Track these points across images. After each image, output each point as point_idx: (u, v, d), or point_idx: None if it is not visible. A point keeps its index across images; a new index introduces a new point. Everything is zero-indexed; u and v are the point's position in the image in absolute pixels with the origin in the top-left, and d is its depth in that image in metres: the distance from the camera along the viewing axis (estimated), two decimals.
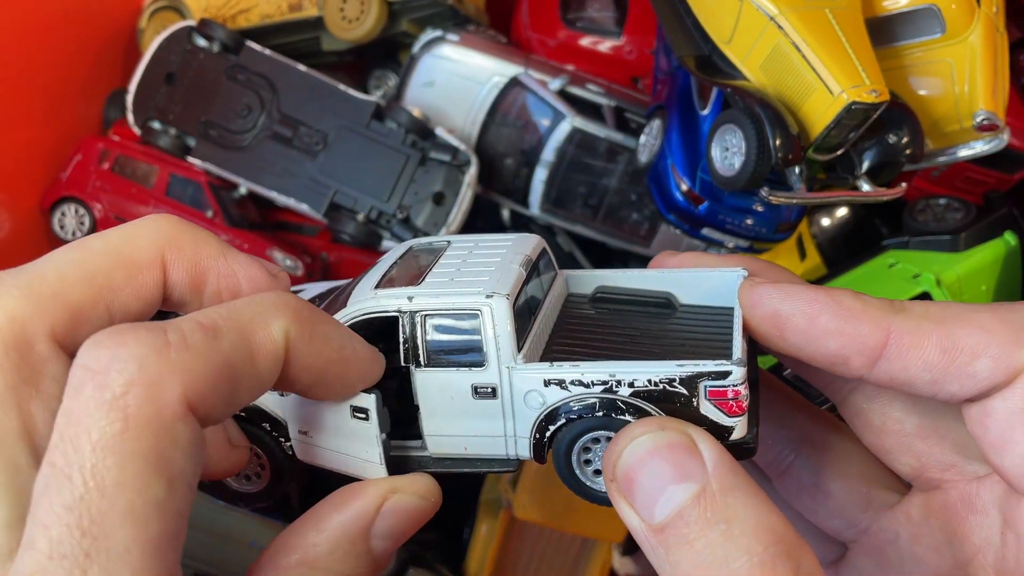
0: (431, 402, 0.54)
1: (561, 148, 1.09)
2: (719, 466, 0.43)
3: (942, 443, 0.52)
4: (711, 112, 0.92)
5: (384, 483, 0.49)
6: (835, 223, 1.14)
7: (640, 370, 0.50)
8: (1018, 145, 1.02)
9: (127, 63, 1.22)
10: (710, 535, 0.40)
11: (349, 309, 0.54)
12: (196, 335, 0.38)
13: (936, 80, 0.88)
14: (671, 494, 0.42)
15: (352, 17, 1.13)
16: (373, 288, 0.55)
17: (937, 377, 0.47)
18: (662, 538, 0.42)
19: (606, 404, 0.50)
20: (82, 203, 1.11)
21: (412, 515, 0.49)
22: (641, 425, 0.46)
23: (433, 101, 1.14)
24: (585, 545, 1.12)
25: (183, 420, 0.36)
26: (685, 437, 0.45)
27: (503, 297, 0.52)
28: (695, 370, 0.49)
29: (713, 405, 0.49)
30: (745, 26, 0.84)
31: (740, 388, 0.49)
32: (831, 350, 0.48)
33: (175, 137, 1.11)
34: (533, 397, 0.52)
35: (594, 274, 0.64)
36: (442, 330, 0.53)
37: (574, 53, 1.22)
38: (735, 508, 0.41)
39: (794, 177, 0.83)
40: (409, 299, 0.53)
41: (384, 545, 0.47)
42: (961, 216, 1.00)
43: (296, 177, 1.09)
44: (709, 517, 0.41)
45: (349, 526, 0.46)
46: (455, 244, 0.62)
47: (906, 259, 0.98)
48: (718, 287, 0.60)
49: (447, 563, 1.16)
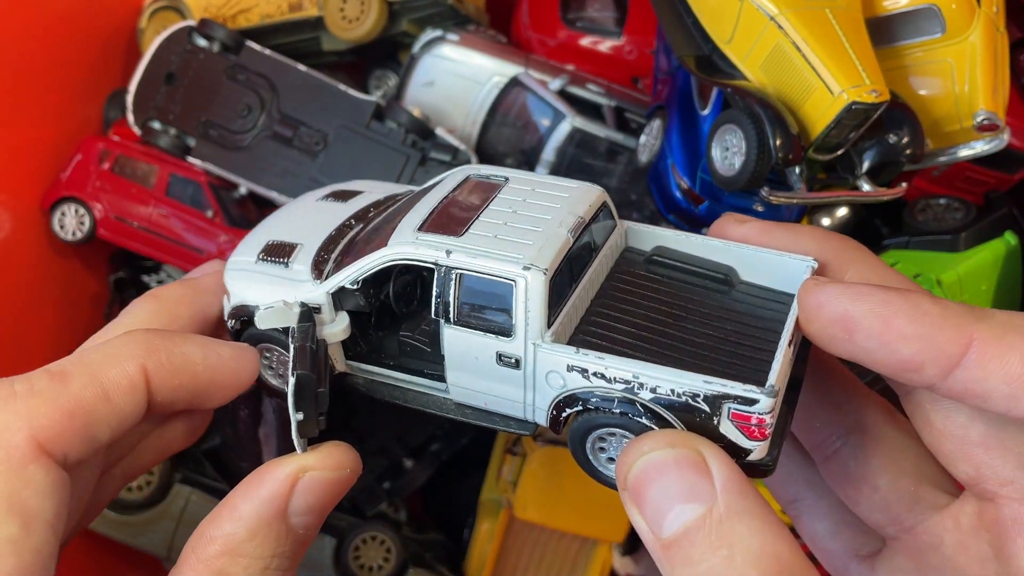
0: (456, 357, 0.54)
1: (561, 148, 1.09)
2: (728, 489, 0.42)
3: (1005, 456, 0.49)
4: (711, 112, 0.92)
5: (293, 462, 0.49)
6: (835, 223, 1.14)
7: (664, 377, 0.48)
8: (1018, 145, 1.01)
9: (127, 63, 1.22)
10: (713, 559, 0.40)
11: (387, 252, 0.54)
12: (42, 382, 0.41)
13: (936, 80, 0.88)
14: (679, 512, 0.42)
15: (352, 17, 1.13)
16: (417, 228, 0.55)
17: (1017, 392, 0.44)
18: (668, 554, 0.42)
19: (625, 403, 0.49)
20: (82, 203, 1.11)
21: (328, 489, 0.49)
22: (652, 439, 0.46)
23: (433, 101, 1.14)
24: (585, 545, 1.12)
25: (35, 463, 0.38)
26: (696, 455, 0.44)
27: (540, 272, 0.51)
28: (721, 391, 0.47)
29: (735, 427, 0.48)
30: (745, 26, 0.83)
31: (765, 417, 0.47)
32: (905, 356, 0.46)
33: (175, 137, 1.11)
34: (554, 378, 0.51)
35: (655, 232, 0.62)
36: (474, 292, 0.52)
37: (574, 53, 1.22)
38: (740, 534, 0.40)
39: (794, 177, 0.83)
40: (447, 253, 0.52)
41: (305, 521, 0.48)
42: (961, 216, 1.00)
43: (296, 177, 1.09)
44: (713, 541, 0.41)
45: (264, 510, 0.47)
46: (512, 183, 0.61)
47: (906, 259, 0.98)
48: (782, 271, 0.57)
49: (447, 563, 1.16)
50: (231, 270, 0.62)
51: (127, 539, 1.07)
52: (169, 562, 1.10)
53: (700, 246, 0.60)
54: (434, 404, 0.57)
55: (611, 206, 0.61)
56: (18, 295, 1.09)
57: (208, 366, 0.49)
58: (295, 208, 0.72)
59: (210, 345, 0.51)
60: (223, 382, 0.51)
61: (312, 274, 0.58)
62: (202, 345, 0.50)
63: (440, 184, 0.62)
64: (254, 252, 0.63)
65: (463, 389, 0.55)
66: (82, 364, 0.44)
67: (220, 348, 0.51)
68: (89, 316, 1.20)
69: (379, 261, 0.55)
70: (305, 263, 0.60)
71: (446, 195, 0.59)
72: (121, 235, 1.11)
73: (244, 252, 0.64)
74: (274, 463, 0.49)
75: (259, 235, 0.66)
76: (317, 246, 0.61)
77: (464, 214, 0.56)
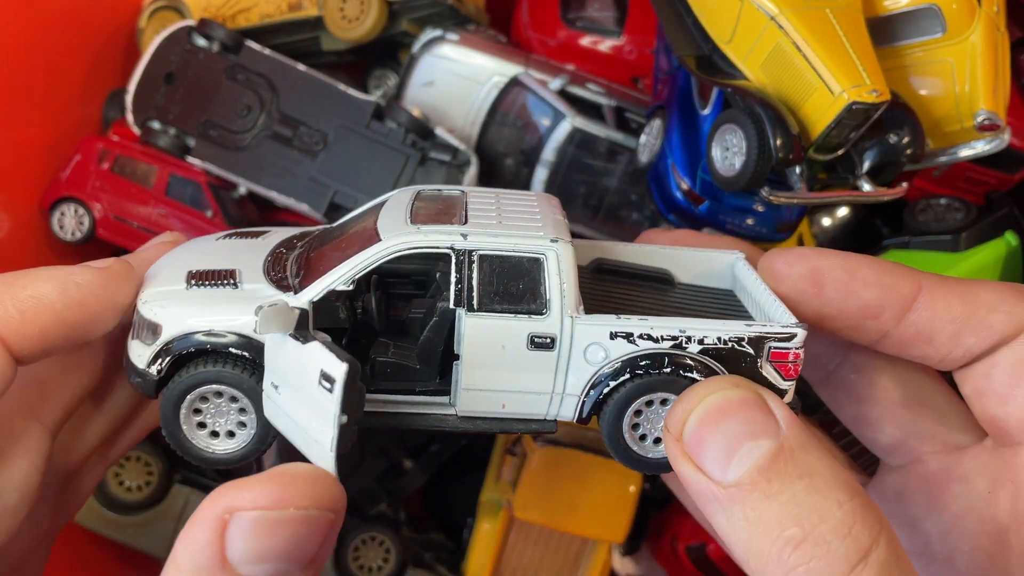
0: (478, 351, 0.51)
1: (561, 148, 1.09)
2: (792, 424, 0.44)
3: (924, 412, 0.54)
4: (711, 112, 0.92)
5: (216, 502, 0.40)
6: (836, 223, 1.14)
7: (710, 327, 0.49)
8: (1019, 145, 1.01)
9: (127, 63, 1.22)
10: (795, 487, 0.41)
11: (389, 243, 0.50)
12: None
13: (937, 80, 0.88)
14: (748, 451, 0.43)
15: (352, 17, 1.13)
16: (410, 223, 0.52)
17: (958, 329, 0.49)
18: (738, 494, 0.42)
19: (675, 360, 0.49)
20: (81, 203, 1.11)
21: (275, 532, 0.39)
22: (712, 383, 0.47)
23: (433, 101, 1.14)
24: (585, 545, 1.12)
25: None
26: (757, 396, 0.45)
27: (568, 243, 0.50)
28: (763, 331, 0.49)
29: (773, 367, 0.50)
30: (746, 26, 0.83)
31: (800, 351, 0.50)
32: (867, 301, 0.51)
33: (175, 137, 1.11)
34: (595, 351, 0.50)
35: (593, 244, 0.62)
36: (499, 274, 0.50)
37: (574, 53, 1.22)
38: (813, 462, 0.42)
39: (795, 177, 0.82)
40: (464, 236, 0.50)
41: (266, 570, 0.39)
42: (962, 216, 1.00)
43: (296, 177, 1.09)
44: (791, 471, 0.42)
45: (198, 561, 0.39)
46: (473, 194, 0.58)
47: (907, 259, 0.98)
48: (713, 268, 0.60)
49: (447, 563, 1.16)
50: (155, 300, 0.52)
51: (126, 539, 1.07)
52: None
53: (636, 252, 0.61)
54: (434, 422, 0.54)
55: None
56: None
57: (69, 300, 0.46)
58: (193, 246, 0.62)
59: (66, 276, 0.47)
60: (95, 309, 0.47)
61: (278, 289, 0.52)
62: (56, 278, 0.46)
63: (387, 203, 0.57)
64: (176, 281, 0.54)
65: (477, 393, 0.52)
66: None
67: (78, 276, 0.47)
68: None
69: (379, 254, 0.51)
70: (259, 282, 0.53)
71: (409, 204, 0.55)
72: (120, 235, 1.11)
73: (161, 284, 0.54)
74: (205, 500, 0.41)
75: (170, 269, 0.56)
76: (260, 268, 0.55)
77: (448, 213, 0.54)
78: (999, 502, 0.50)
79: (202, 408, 0.53)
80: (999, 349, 0.49)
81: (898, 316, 0.50)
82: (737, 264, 0.57)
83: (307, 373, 0.46)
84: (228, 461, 0.54)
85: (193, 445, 0.53)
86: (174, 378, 0.51)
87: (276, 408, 0.50)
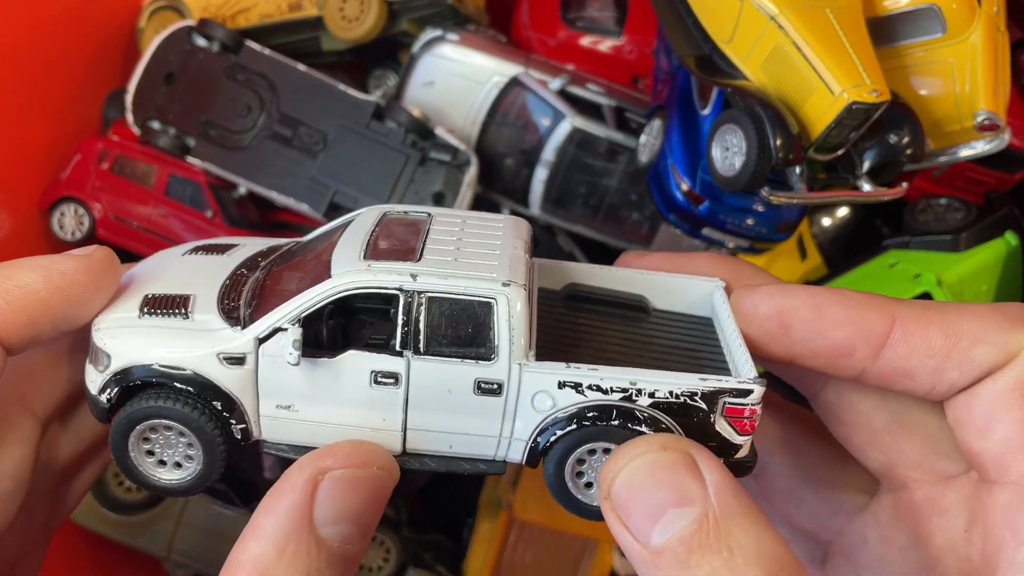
0: (423, 394, 0.50)
1: (561, 148, 1.09)
2: (722, 490, 0.42)
3: (910, 439, 0.52)
4: (712, 112, 0.92)
5: (307, 465, 0.44)
6: (836, 223, 1.14)
7: (662, 380, 0.48)
8: (1019, 145, 1.01)
9: (126, 63, 1.22)
10: (713, 561, 0.40)
11: (336, 281, 0.49)
12: None
13: (937, 80, 0.88)
14: (671, 518, 0.41)
15: (352, 17, 1.13)
16: (363, 258, 0.50)
17: (939, 364, 0.47)
18: (659, 562, 0.41)
19: (623, 413, 0.48)
20: (81, 203, 1.11)
21: (357, 490, 0.44)
22: (641, 444, 0.45)
23: (433, 101, 1.14)
24: (585, 545, 1.12)
25: None
26: (687, 458, 0.44)
27: (521, 287, 0.49)
28: (718, 386, 0.47)
29: (727, 422, 0.48)
30: (746, 26, 0.83)
31: (757, 407, 0.48)
32: (838, 340, 0.48)
33: (175, 137, 1.11)
34: (542, 399, 0.49)
35: (567, 267, 0.60)
36: (448, 316, 0.49)
37: (574, 53, 1.22)
38: (737, 535, 0.40)
39: (795, 177, 0.82)
40: (413, 277, 0.49)
41: (339, 532, 0.43)
42: (962, 216, 1.00)
43: (296, 177, 1.09)
44: (712, 543, 0.40)
45: (287, 524, 0.43)
46: (439, 218, 0.56)
47: (907, 259, 0.98)
48: (692, 295, 0.58)
49: (447, 563, 1.16)
50: (106, 328, 0.51)
51: (127, 540, 1.07)
52: (169, 562, 1.10)
53: (610, 277, 0.59)
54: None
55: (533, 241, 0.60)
56: None
57: (54, 288, 0.46)
58: (159, 262, 0.61)
59: (50, 264, 0.47)
60: (80, 297, 0.48)
61: (227, 322, 0.51)
62: (40, 267, 0.46)
63: (351, 224, 0.56)
64: (131, 308, 0.53)
65: (424, 433, 0.51)
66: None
67: (62, 264, 0.47)
68: None
69: (326, 293, 0.49)
70: (210, 312, 0.52)
71: (370, 230, 0.54)
72: (120, 235, 1.11)
73: (116, 311, 0.53)
74: (292, 468, 0.45)
75: (129, 291, 0.55)
76: (215, 295, 0.54)
77: (405, 244, 0.52)
78: (974, 541, 0.48)
79: (151, 437, 0.52)
80: (980, 382, 0.47)
81: (872, 354, 0.48)
82: (715, 294, 0.56)
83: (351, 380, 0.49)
84: (175, 491, 0.53)
85: (141, 472, 0.53)
86: (123, 408, 0.51)
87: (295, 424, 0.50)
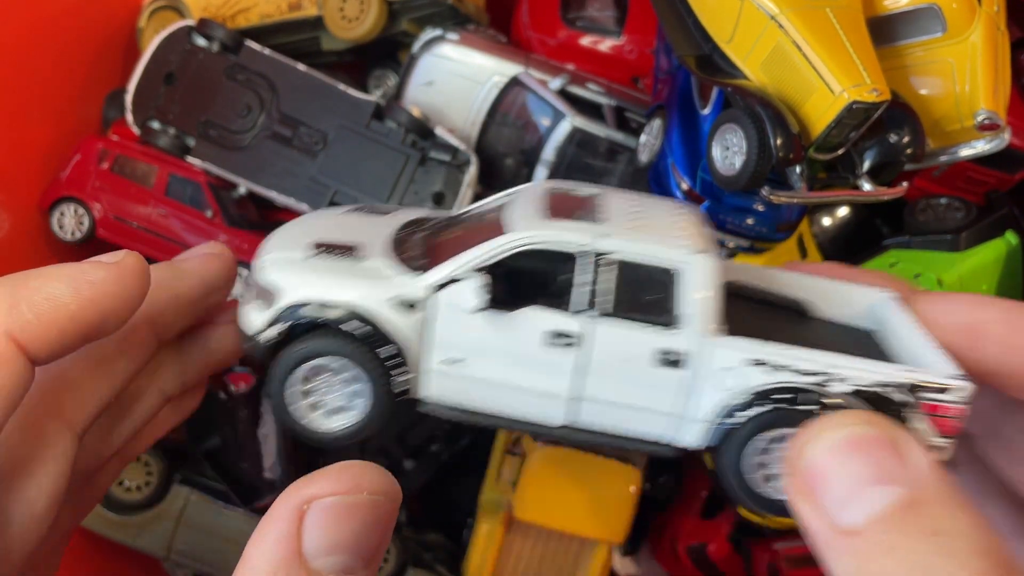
0: (597, 359, 0.47)
1: (561, 148, 1.09)
2: (931, 473, 0.39)
3: None
4: (712, 111, 0.92)
5: (292, 494, 0.41)
6: (836, 223, 1.14)
7: (862, 368, 0.45)
8: (1019, 145, 1.01)
9: (126, 63, 1.22)
10: (921, 546, 0.36)
11: (521, 234, 0.48)
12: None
13: (937, 79, 0.88)
14: (871, 496, 0.38)
15: (352, 16, 1.13)
16: (543, 217, 0.49)
17: None
18: (853, 544, 0.38)
19: (818, 398, 0.45)
20: (81, 203, 1.11)
21: (349, 518, 0.41)
22: (844, 416, 0.41)
23: (433, 101, 1.14)
24: (585, 545, 1.12)
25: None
26: (890, 436, 0.40)
27: (715, 257, 0.47)
28: (923, 379, 0.45)
29: (926, 420, 0.46)
30: (746, 25, 0.83)
31: (965, 408, 0.45)
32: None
33: (174, 137, 1.11)
34: (729, 376, 0.46)
35: (724, 264, 0.57)
36: (635, 280, 0.47)
37: (574, 52, 1.22)
38: (949, 520, 0.37)
39: (795, 176, 0.83)
40: (601, 236, 0.47)
41: (335, 563, 0.40)
42: (962, 216, 1.00)
43: (296, 177, 1.09)
44: (922, 527, 0.37)
45: (274, 558, 0.40)
46: (612, 195, 0.54)
47: (907, 258, 0.98)
48: (853, 305, 0.55)
49: (447, 564, 1.16)
50: (274, 265, 0.52)
51: (126, 540, 1.07)
52: (168, 562, 1.10)
53: (768, 277, 0.57)
54: (537, 428, 0.50)
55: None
56: None
57: (83, 299, 0.45)
58: (320, 218, 0.62)
59: (78, 274, 0.46)
60: (109, 307, 0.46)
61: (402, 268, 0.51)
62: (69, 278, 0.45)
63: (517, 196, 0.55)
64: (299, 249, 0.53)
65: (591, 404, 0.48)
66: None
67: (91, 274, 0.46)
68: None
69: (509, 245, 0.48)
70: (383, 258, 0.52)
71: (543, 198, 0.53)
72: (120, 235, 1.11)
73: (282, 250, 0.53)
74: (279, 498, 0.42)
75: (291, 236, 0.56)
76: (387, 245, 0.54)
77: (584, 211, 0.51)
78: None
79: (311, 380, 0.51)
80: None
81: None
82: (887, 305, 0.52)
83: (524, 338, 0.47)
84: (329, 438, 0.51)
85: (294, 415, 0.51)
86: (287, 348, 0.50)
87: (459, 382, 0.49)
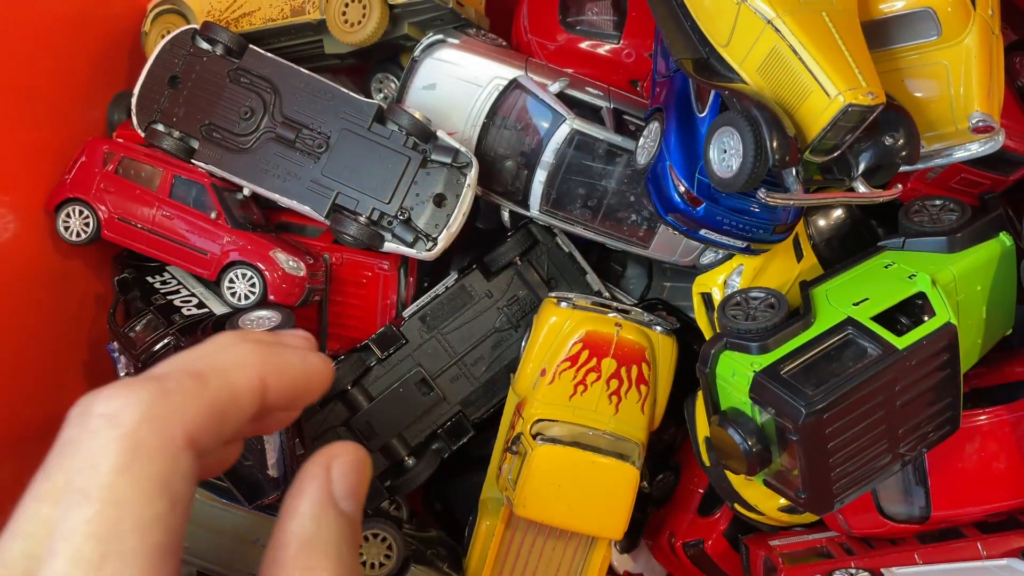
0: None
1: (560, 150, 1.10)
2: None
3: None
4: (709, 114, 0.93)
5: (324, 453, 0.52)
6: (831, 224, 1.15)
7: None
8: (1013, 147, 1.02)
9: (131, 66, 1.23)
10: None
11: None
12: (187, 382, 0.45)
13: (932, 82, 0.89)
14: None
15: (354, 21, 1.14)
16: None
17: None
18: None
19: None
20: (86, 205, 1.12)
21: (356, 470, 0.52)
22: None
23: (434, 103, 1.15)
24: (584, 542, 1.13)
25: (184, 451, 0.42)
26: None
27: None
28: None
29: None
30: (742, 29, 0.84)
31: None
32: None
33: (179, 139, 1.12)
34: None
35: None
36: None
37: (573, 56, 1.23)
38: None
39: (791, 179, 0.84)
40: None
41: (350, 506, 0.50)
42: (956, 217, 1.01)
43: (298, 179, 1.10)
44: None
45: (316, 502, 0.49)
46: None
47: (902, 259, 0.99)
48: None
49: (448, 560, 1.17)
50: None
51: None
52: None
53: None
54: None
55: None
56: (22, 296, 1.10)
57: (304, 373, 0.53)
58: None
59: (303, 354, 0.54)
60: (313, 387, 0.54)
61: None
62: (299, 355, 0.54)
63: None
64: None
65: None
66: (215, 369, 0.47)
67: (311, 356, 0.55)
68: (93, 317, 1.21)
69: None
70: None
71: None
72: (125, 236, 1.12)
73: None
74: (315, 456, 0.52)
75: None
76: None
77: None
78: None
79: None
80: None
81: None
82: None
83: None
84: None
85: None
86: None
87: None
